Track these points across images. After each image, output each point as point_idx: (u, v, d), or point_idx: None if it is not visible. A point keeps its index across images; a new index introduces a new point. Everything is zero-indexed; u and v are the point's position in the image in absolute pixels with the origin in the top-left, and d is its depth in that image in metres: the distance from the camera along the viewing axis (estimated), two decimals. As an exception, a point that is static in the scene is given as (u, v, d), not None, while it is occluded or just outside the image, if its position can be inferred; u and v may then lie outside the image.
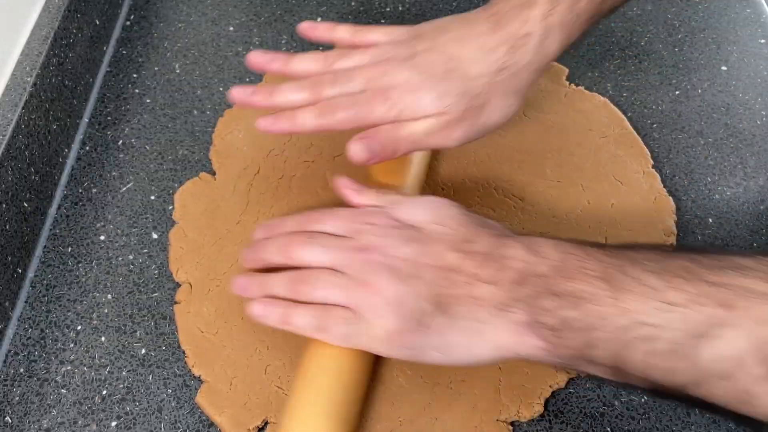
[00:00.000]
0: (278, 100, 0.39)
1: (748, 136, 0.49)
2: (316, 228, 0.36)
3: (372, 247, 0.33)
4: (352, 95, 0.37)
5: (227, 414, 0.37)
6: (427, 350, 0.32)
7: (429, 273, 0.32)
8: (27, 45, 0.48)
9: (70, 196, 0.48)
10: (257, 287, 0.36)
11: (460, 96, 0.36)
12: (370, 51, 0.39)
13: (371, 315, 0.32)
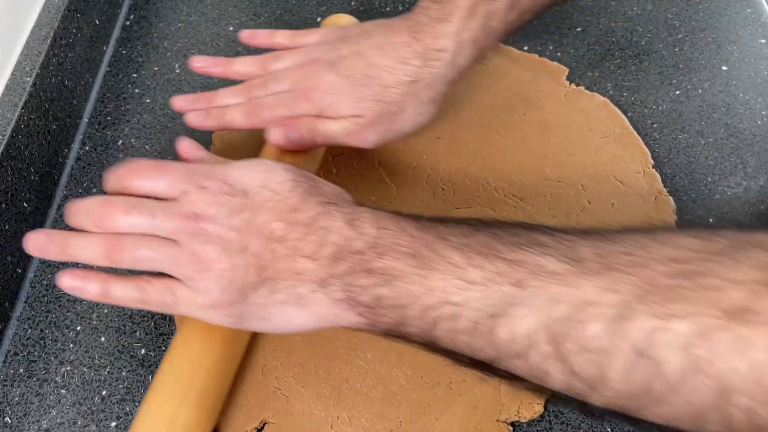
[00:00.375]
0: (217, 104, 0.42)
1: (749, 136, 0.49)
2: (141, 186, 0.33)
3: (203, 216, 0.31)
4: (279, 95, 0.40)
5: (224, 415, 0.37)
6: (249, 319, 0.32)
7: (255, 244, 0.31)
8: (27, 45, 0.48)
9: (70, 196, 0.48)
10: (57, 248, 0.33)
11: (375, 102, 0.38)
12: (299, 52, 0.42)
13: (198, 286, 0.31)
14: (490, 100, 0.51)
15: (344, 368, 0.38)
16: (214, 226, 0.31)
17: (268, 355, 0.39)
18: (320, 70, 0.40)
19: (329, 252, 0.30)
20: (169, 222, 0.32)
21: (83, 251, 0.33)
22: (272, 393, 0.38)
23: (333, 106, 0.39)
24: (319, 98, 0.39)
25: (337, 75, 0.39)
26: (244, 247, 0.31)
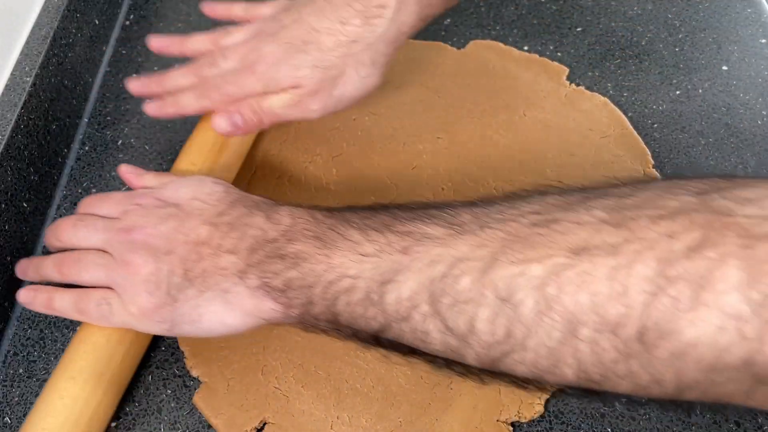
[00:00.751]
0: (169, 85, 0.42)
1: (749, 136, 0.49)
2: (91, 210, 0.37)
3: (134, 227, 0.34)
4: (225, 73, 0.40)
5: (224, 416, 0.37)
6: (180, 323, 0.33)
7: (182, 248, 0.32)
8: (26, 45, 0.48)
9: (70, 196, 0.48)
10: (33, 270, 0.37)
11: (314, 68, 0.38)
12: (248, 27, 0.42)
13: (127, 293, 0.33)
14: (490, 100, 0.51)
15: (344, 368, 0.38)
16: (141, 235, 0.33)
17: (268, 355, 0.39)
18: (263, 41, 0.40)
19: (248, 244, 0.31)
20: (105, 235, 0.34)
21: (44, 269, 0.36)
22: (272, 393, 0.38)
23: (275, 77, 0.39)
24: (262, 71, 0.39)
25: (277, 44, 0.39)
26: (170, 251, 0.32)
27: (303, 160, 0.48)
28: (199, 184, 0.36)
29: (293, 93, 0.39)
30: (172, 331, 0.33)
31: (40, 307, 0.36)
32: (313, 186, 0.46)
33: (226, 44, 0.42)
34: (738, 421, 0.37)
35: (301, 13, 0.40)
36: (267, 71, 0.39)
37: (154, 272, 0.32)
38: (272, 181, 0.47)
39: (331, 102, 0.39)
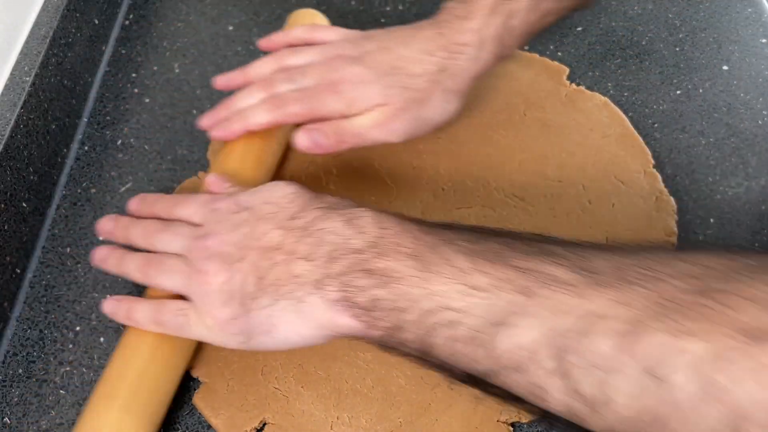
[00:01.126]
0: (238, 106, 0.41)
1: (750, 136, 0.49)
2: (177, 214, 0.37)
3: (209, 234, 0.33)
4: (304, 89, 0.40)
5: (224, 416, 0.37)
6: (255, 335, 0.31)
7: (254, 255, 0.31)
8: (26, 44, 0.48)
9: (69, 196, 0.48)
10: (115, 262, 0.37)
11: (403, 89, 0.39)
12: (319, 48, 0.42)
13: (201, 303, 0.32)
14: (490, 100, 0.50)
15: (344, 369, 0.38)
16: (216, 242, 0.32)
17: (268, 355, 0.39)
18: (345, 63, 0.40)
19: (325, 251, 0.30)
20: (185, 243, 0.34)
21: (127, 268, 0.36)
22: (272, 393, 0.38)
23: (360, 97, 0.39)
24: (346, 90, 0.39)
25: (364, 67, 0.40)
26: (242, 258, 0.31)
27: (303, 160, 0.48)
28: (272, 187, 0.35)
29: (379, 112, 0.39)
30: (249, 343, 0.32)
31: (121, 318, 0.36)
32: (314, 186, 0.46)
33: (295, 64, 0.42)
34: (738, 421, 0.37)
35: (385, 42, 0.41)
36: (351, 90, 0.39)
37: (227, 281, 0.31)
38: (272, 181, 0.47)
39: (416, 125, 0.40)
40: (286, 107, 0.40)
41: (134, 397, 0.34)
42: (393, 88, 0.39)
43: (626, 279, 0.23)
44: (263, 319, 0.31)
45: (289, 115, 0.40)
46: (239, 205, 0.34)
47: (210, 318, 0.32)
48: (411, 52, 0.40)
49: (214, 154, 0.49)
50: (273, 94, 0.41)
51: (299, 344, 0.31)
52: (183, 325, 0.33)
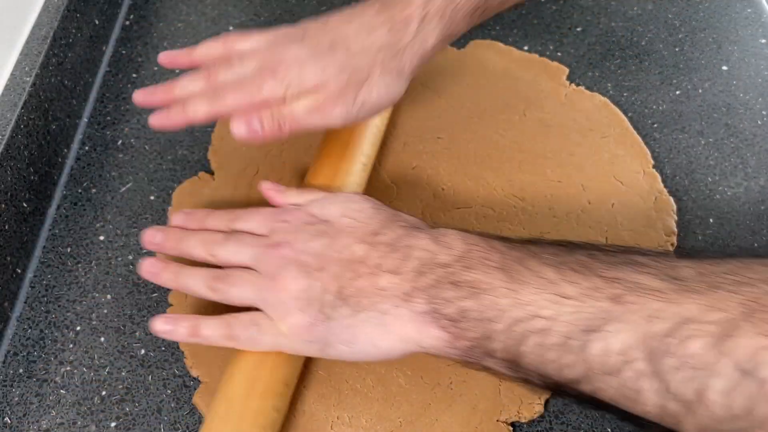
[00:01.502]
0: (178, 93, 0.39)
1: (749, 136, 0.49)
2: (237, 226, 0.36)
3: (283, 243, 0.33)
4: (243, 77, 0.38)
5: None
6: (333, 344, 0.32)
7: (335, 265, 0.32)
8: (26, 45, 0.48)
9: (70, 196, 0.48)
10: (171, 276, 0.36)
11: (340, 69, 0.37)
12: (264, 32, 0.40)
13: (277, 312, 0.32)
14: (490, 100, 0.51)
15: (345, 368, 0.38)
16: (291, 251, 0.32)
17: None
18: (286, 45, 0.38)
19: (413, 266, 0.30)
20: (254, 251, 0.34)
21: (190, 281, 0.35)
22: (272, 393, 0.38)
23: (298, 79, 0.37)
24: (283, 72, 0.37)
25: (302, 46, 0.38)
26: (322, 268, 0.32)
27: (305, 161, 0.48)
28: (348, 201, 0.35)
29: (316, 96, 0.37)
30: (324, 351, 0.32)
31: (183, 336, 0.34)
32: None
33: (241, 49, 0.40)
34: (738, 421, 0.37)
35: (327, 22, 0.39)
36: (290, 72, 0.37)
37: (306, 289, 0.31)
38: (274, 180, 0.47)
39: (354, 108, 0.37)
40: (225, 98, 0.37)
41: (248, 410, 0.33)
42: (330, 68, 0.37)
43: (713, 284, 0.24)
44: (342, 330, 0.31)
45: (228, 107, 0.38)
46: (314, 217, 0.34)
47: (285, 325, 0.32)
48: (352, 29, 0.38)
49: (215, 154, 0.49)
50: (212, 83, 0.39)
51: (375, 357, 0.32)
52: (256, 335, 0.33)
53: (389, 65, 0.38)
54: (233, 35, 0.41)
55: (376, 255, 0.31)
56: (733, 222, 0.45)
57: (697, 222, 0.45)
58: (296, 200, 0.38)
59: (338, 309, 0.31)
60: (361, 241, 0.32)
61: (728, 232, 0.45)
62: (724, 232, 0.44)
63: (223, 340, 0.34)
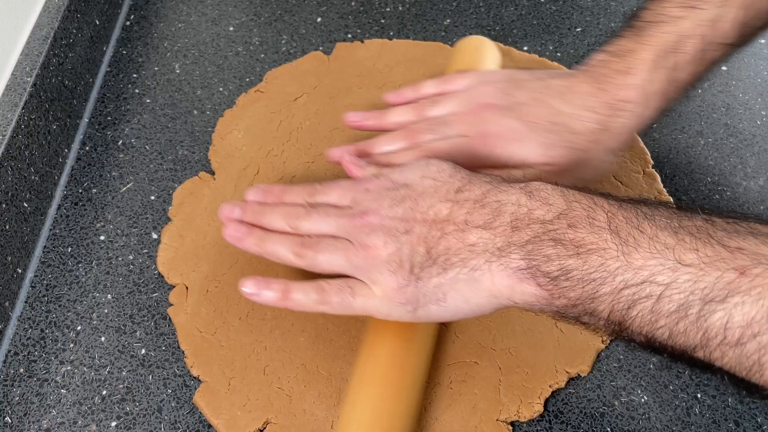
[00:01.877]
0: (377, 151, 0.40)
1: (748, 136, 0.49)
2: (320, 199, 0.37)
3: (368, 211, 0.34)
4: (449, 140, 0.38)
5: (225, 416, 0.37)
6: (425, 304, 0.32)
7: (421, 227, 0.32)
8: (27, 45, 0.48)
9: (70, 196, 0.48)
10: (256, 240, 0.36)
11: (567, 149, 0.37)
12: (460, 96, 0.39)
13: (370, 275, 0.32)
14: (490, 101, 0.50)
15: (345, 368, 0.39)
16: (377, 218, 0.33)
17: (270, 355, 0.39)
18: (496, 114, 0.38)
19: (506, 221, 0.30)
20: (340, 222, 0.34)
21: (276, 247, 0.35)
22: (275, 393, 0.38)
23: (516, 154, 0.37)
24: (500, 145, 0.37)
25: (519, 121, 0.37)
26: (409, 230, 0.32)
27: (305, 160, 0.48)
28: (427, 164, 0.35)
29: (541, 170, 0.37)
30: (416, 313, 0.32)
31: (272, 299, 0.35)
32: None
33: (437, 114, 0.40)
34: (737, 420, 0.37)
35: (540, 93, 0.38)
36: (505, 146, 0.37)
37: (395, 252, 0.32)
38: (274, 181, 0.47)
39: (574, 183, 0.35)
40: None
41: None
42: (556, 148, 0.36)
43: None
44: (433, 288, 0.31)
45: None
46: (394, 182, 0.35)
47: (378, 288, 0.32)
48: (570, 108, 0.37)
49: (216, 154, 0.49)
50: (416, 144, 0.39)
51: (467, 313, 0.32)
52: (349, 300, 0.33)
53: (608, 144, 0.37)
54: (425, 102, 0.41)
55: (463, 212, 0.31)
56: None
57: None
58: (374, 171, 0.38)
59: (427, 268, 0.31)
60: (444, 200, 0.32)
61: (727, 232, 0.45)
62: (724, 232, 0.45)
63: (314, 304, 0.34)
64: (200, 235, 0.44)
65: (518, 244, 0.29)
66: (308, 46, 0.56)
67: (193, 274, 0.43)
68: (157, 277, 0.43)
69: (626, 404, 0.38)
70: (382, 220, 0.33)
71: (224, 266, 0.43)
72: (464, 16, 0.58)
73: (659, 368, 0.39)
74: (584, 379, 0.38)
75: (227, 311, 0.41)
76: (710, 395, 0.38)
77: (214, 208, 0.46)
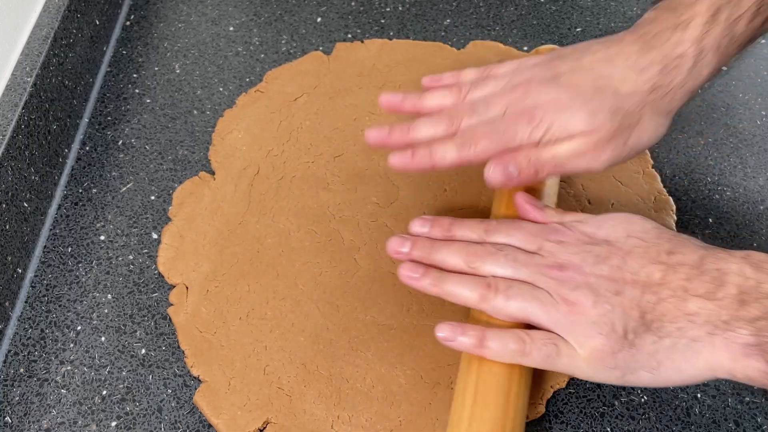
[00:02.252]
0: (416, 136, 0.38)
1: (748, 136, 0.49)
2: (500, 239, 0.35)
3: (568, 265, 0.32)
4: (491, 122, 0.36)
5: (225, 416, 0.37)
6: (635, 370, 0.30)
7: (631, 289, 0.31)
8: (27, 45, 0.48)
9: (70, 196, 0.48)
10: (432, 281, 0.34)
11: (612, 113, 0.34)
12: (502, 77, 0.38)
13: (575, 336, 0.31)
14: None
15: (345, 368, 0.39)
16: (580, 275, 0.31)
17: (270, 355, 0.39)
18: (537, 87, 0.36)
19: (731, 293, 0.29)
20: (534, 270, 0.32)
21: (459, 289, 0.34)
22: (275, 393, 0.38)
23: (561, 124, 0.34)
24: (542, 117, 0.35)
25: (561, 90, 0.35)
26: (619, 292, 0.31)
27: (305, 160, 0.48)
28: (628, 220, 0.33)
29: (586, 139, 0.34)
30: (624, 378, 0.31)
31: (468, 346, 0.33)
32: (315, 186, 0.46)
33: (479, 96, 0.38)
34: (737, 420, 0.37)
35: (581, 60, 0.36)
36: (548, 118, 0.34)
37: (606, 314, 0.30)
38: (274, 181, 0.47)
39: (623, 152, 0.35)
40: (476, 145, 0.35)
41: None
42: (600, 113, 0.34)
43: None
44: (647, 356, 0.30)
45: (479, 152, 0.35)
46: (593, 238, 0.33)
47: (584, 349, 0.31)
48: (616, 70, 0.35)
49: (216, 153, 0.49)
50: (459, 128, 0.37)
51: (676, 383, 0.31)
52: (552, 355, 0.31)
53: (660, 106, 0.35)
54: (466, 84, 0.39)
55: (679, 278, 0.30)
56: (732, 222, 0.45)
57: (697, 222, 0.45)
58: (559, 219, 0.36)
59: (642, 335, 0.30)
60: (655, 262, 0.31)
61: (727, 231, 0.45)
62: (724, 232, 0.45)
63: (513, 355, 0.32)
64: (200, 235, 0.44)
65: (746, 319, 0.28)
66: (308, 46, 0.56)
67: (193, 274, 0.43)
68: (157, 277, 0.43)
69: (626, 404, 0.38)
70: (587, 277, 0.31)
71: (224, 266, 0.43)
72: (464, 16, 0.58)
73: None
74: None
75: (227, 311, 0.41)
76: (710, 395, 0.38)
77: (215, 208, 0.46)
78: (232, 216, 0.45)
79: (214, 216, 0.45)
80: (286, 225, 0.44)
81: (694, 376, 0.30)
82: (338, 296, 0.41)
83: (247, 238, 0.44)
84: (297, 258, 0.43)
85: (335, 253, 0.43)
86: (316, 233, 0.44)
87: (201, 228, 0.45)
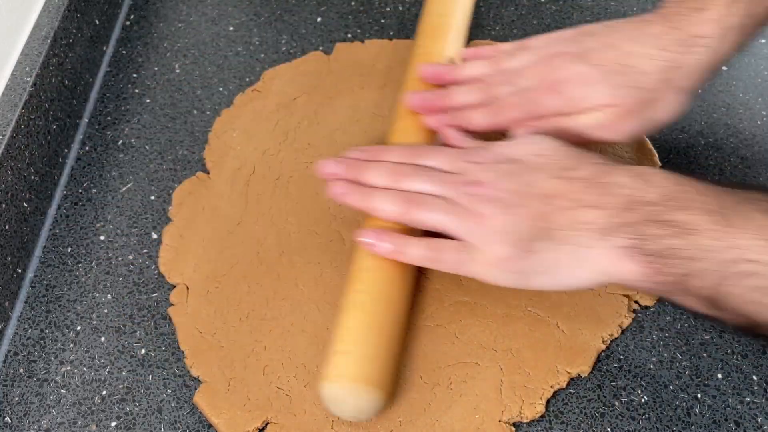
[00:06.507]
0: (453, 102, 0.41)
1: (749, 136, 0.49)
2: (422, 162, 0.38)
3: (479, 182, 0.35)
4: (522, 92, 0.39)
5: (225, 416, 0.37)
6: (533, 275, 0.34)
7: (532, 201, 0.34)
8: (27, 45, 0.48)
9: (70, 196, 0.48)
10: (360, 197, 0.37)
11: (634, 89, 0.37)
12: (536, 49, 0.41)
13: (481, 243, 0.34)
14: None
15: (345, 368, 0.38)
16: (493, 190, 0.35)
17: (270, 355, 0.39)
18: (566, 62, 0.38)
19: (617, 202, 0.32)
20: (451, 187, 0.35)
21: (383, 204, 0.37)
22: (275, 393, 0.38)
23: (585, 98, 0.38)
24: (567, 90, 0.38)
25: (588, 65, 0.38)
26: (521, 204, 0.33)
27: (303, 160, 0.48)
28: (535, 140, 0.37)
29: (608, 112, 0.37)
30: (520, 282, 0.34)
31: (386, 251, 0.36)
32: (314, 186, 0.46)
33: (512, 66, 0.41)
34: (737, 420, 0.37)
35: (610, 38, 0.39)
36: (574, 90, 0.38)
37: (506, 224, 0.33)
38: (271, 180, 0.47)
39: (644, 125, 0.38)
40: (505, 113, 0.39)
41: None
42: (622, 88, 0.37)
43: None
44: (542, 261, 0.33)
45: (508, 121, 0.40)
46: (503, 156, 0.36)
47: (489, 256, 0.34)
48: (641, 48, 0.37)
49: (210, 153, 0.49)
50: (491, 96, 0.40)
51: (573, 287, 0.34)
52: (462, 261, 0.35)
53: (682, 83, 0.37)
54: (502, 55, 0.42)
55: (574, 190, 0.33)
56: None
57: None
58: (477, 143, 0.39)
59: (539, 242, 0.33)
60: (556, 177, 0.34)
61: (728, 232, 0.45)
62: (724, 232, 0.44)
63: (426, 261, 0.36)
64: (200, 235, 0.44)
65: (627, 224, 0.31)
66: (308, 46, 0.56)
67: (193, 275, 0.43)
68: (157, 277, 0.43)
69: (626, 404, 0.38)
70: (497, 192, 0.34)
71: (225, 266, 0.43)
72: (464, 16, 0.58)
73: (659, 368, 0.39)
74: (585, 380, 0.38)
75: (227, 311, 0.41)
76: (710, 395, 0.38)
77: (214, 208, 0.46)
78: (231, 216, 0.45)
79: (215, 216, 0.45)
80: (286, 226, 0.44)
81: (588, 279, 0.33)
82: (338, 296, 0.41)
83: (247, 239, 0.44)
84: (298, 259, 0.43)
85: (336, 254, 0.43)
86: (316, 234, 0.44)
87: (201, 228, 0.45)
